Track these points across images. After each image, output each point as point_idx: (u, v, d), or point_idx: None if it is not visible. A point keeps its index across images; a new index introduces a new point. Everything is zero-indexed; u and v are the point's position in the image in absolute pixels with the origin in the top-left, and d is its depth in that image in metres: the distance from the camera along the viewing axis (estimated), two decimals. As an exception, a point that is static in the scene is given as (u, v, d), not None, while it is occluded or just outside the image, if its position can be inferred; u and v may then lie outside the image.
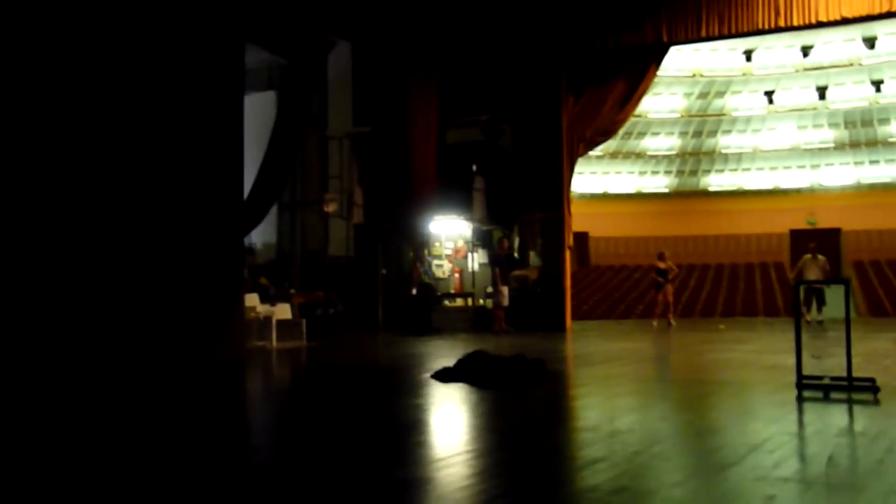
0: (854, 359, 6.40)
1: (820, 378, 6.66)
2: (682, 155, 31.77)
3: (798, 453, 4.35)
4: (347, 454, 4.39)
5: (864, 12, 14.03)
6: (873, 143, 30.04)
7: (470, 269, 17.53)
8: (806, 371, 6.62)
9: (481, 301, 17.14)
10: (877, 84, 26.17)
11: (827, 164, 31.17)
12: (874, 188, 30.97)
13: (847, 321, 6.66)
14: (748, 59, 24.71)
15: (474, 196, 16.79)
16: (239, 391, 8.26)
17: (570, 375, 8.73)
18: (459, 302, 17.30)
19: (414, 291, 16.35)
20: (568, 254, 16.31)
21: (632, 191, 33.20)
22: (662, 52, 15.93)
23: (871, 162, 30.54)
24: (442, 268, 17.86)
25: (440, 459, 4.23)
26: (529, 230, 16.71)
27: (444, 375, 7.41)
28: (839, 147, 30.47)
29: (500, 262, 15.46)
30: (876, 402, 6.04)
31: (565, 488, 3.60)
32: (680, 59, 26.16)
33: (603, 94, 16.12)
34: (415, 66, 15.33)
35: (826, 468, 3.88)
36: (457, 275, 17.70)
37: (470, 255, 17.60)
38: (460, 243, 17.75)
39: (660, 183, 32.99)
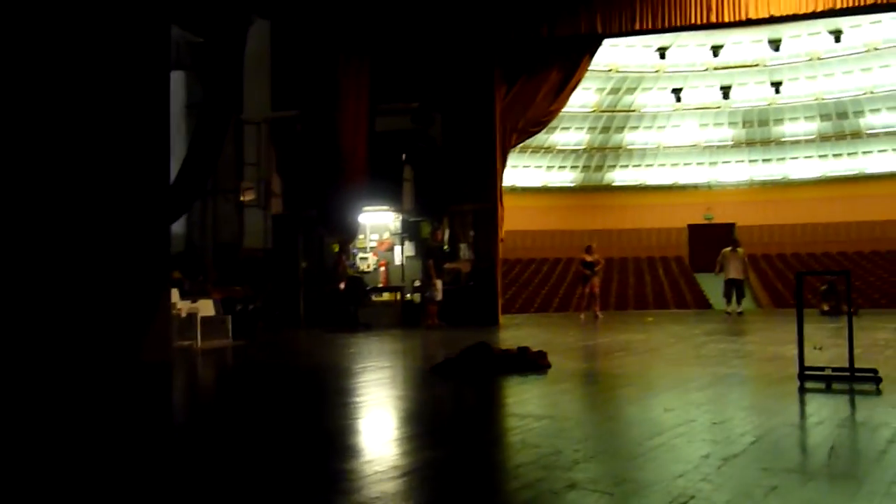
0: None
1: (822, 369, 6.61)
2: (590, 150, 32.21)
3: (800, 444, 4.34)
4: (274, 467, 3.92)
5: (791, 11, 14.34)
6: (767, 142, 31.44)
7: (397, 262, 16.88)
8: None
9: (409, 295, 16.54)
10: (776, 85, 27.32)
11: (724, 162, 32.39)
12: (766, 185, 32.44)
13: (849, 312, 6.61)
14: (662, 56, 25.19)
15: (403, 186, 16.16)
16: (167, 399, 7.34)
17: (566, 370, 8.31)
18: (387, 296, 16.64)
19: (342, 285, 15.58)
20: (500, 246, 15.96)
21: (539, 185, 33.39)
22: (596, 43, 15.83)
23: (765, 160, 31.97)
24: (367, 261, 17.14)
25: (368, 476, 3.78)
26: (460, 222, 16.25)
27: (446, 369, 7.21)
28: (736, 145, 31.72)
29: (434, 255, 14.92)
30: (878, 393, 6.00)
31: (559, 483, 3.44)
32: (597, 55, 26.40)
33: (536, 84, 15.85)
34: (344, 48, 14.52)
35: (828, 459, 3.86)
36: (382, 268, 17.01)
37: (397, 247, 16.95)
38: (386, 235, 17.07)
39: (567, 177, 33.34)
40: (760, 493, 3.17)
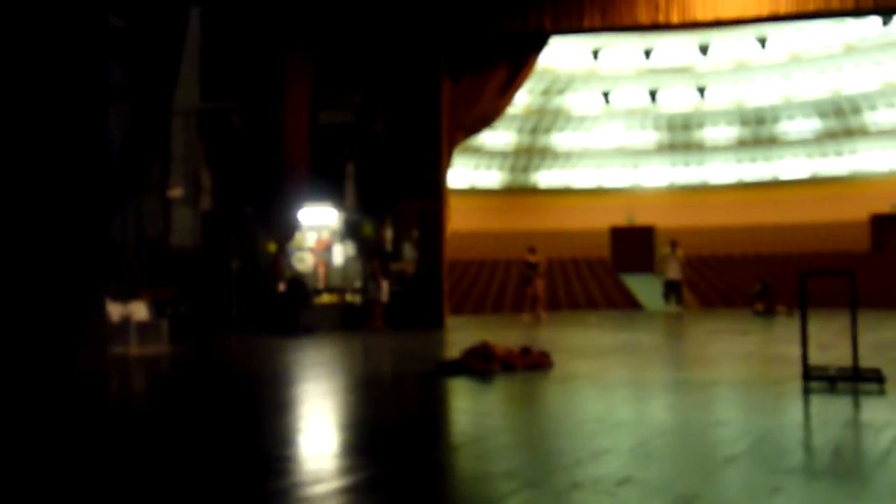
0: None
1: (825, 369, 6.63)
2: (518, 151, 32.20)
3: (804, 444, 4.32)
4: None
5: (736, 15, 14.50)
6: (689, 147, 32.21)
7: (336, 263, 16.19)
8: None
9: (349, 297, 15.88)
10: (701, 90, 27.95)
11: (646, 165, 33.00)
12: (685, 189, 33.25)
13: (853, 311, 6.54)
14: (595, 58, 25.32)
15: (346, 183, 15.50)
16: (99, 417, 6.53)
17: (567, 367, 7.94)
18: (327, 298, 15.91)
19: (282, 287, 14.78)
20: (445, 246, 15.52)
21: (466, 186, 33.17)
22: (544, 41, 15.59)
23: (685, 164, 32.75)
24: (304, 261, 16.36)
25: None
26: (404, 221, 15.72)
27: (450, 368, 7.34)
28: (659, 149, 32.36)
29: (379, 255, 14.32)
30: (882, 393, 5.98)
31: (562, 479, 3.45)
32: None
33: (483, 80, 15.49)
34: (286, 37, 13.75)
35: (832, 459, 3.87)
36: (321, 269, 16.27)
37: (336, 246, 16.25)
38: (325, 234, 16.34)
39: (494, 179, 33.25)
40: (764, 494, 3.15)
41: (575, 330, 14.39)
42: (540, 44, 15.55)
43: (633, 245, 34.73)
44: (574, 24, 15.05)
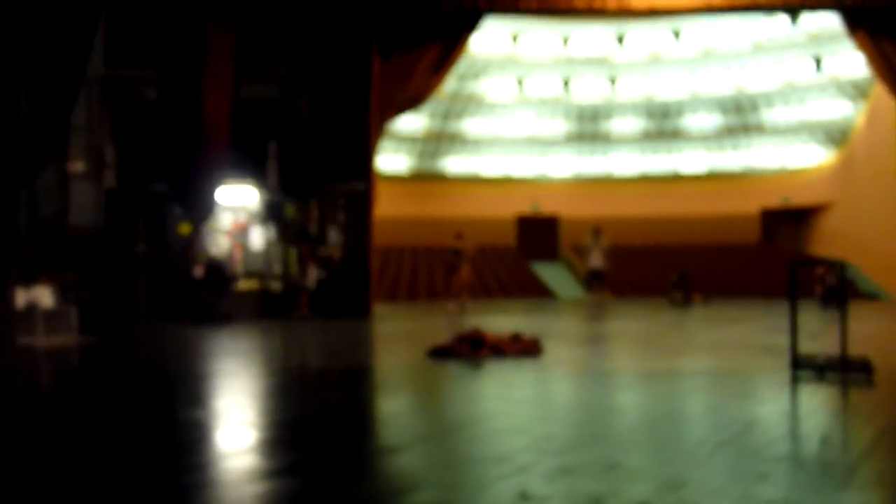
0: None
1: (815, 358, 6.52)
2: (427, 137, 31.71)
3: (792, 433, 4.32)
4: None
5: (671, 5, 14.54)
6: (596, 138, 32.69)
7: (254, 247, 15.21)
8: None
9: (269, 283, 14.97)
10: (613, 81, 28.33)
11: (554, 155, 33.28)
12: (590, 180, 33.79)
13: (845, 302, 6.48)
14: (514, 43, 25.09)
15: (268, 162, 14.56)
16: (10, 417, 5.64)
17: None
18: (244, 284, 14.93)
19: (199, 272, 13.71)
20: (374, 230, 14.88)
21: (374, 170, 32.46)
22: (477, 20, 15.13)
23: (590, 155, 33.25)
24: (219, 244, 15.28)
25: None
26: (330, 203, 14.95)
27: (442, 353, 7.37)
28: (568, 139, 32.68)
29: (308, 239, 13.51)
30: (869, 383, 5.96)
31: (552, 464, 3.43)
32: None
33: (415, 58, 14.90)
34: (211, 4, 12.67)
35: (819, 448, 3.88)
36: (237, 252, 15.25)
37: (255, 229, 15.27)
38: (242, 216, 15.32)
39: (401, 164, 32.64)
40: (751, 481, 3.14)
41: (511, 318, 14.09)
42: (473, 23, 15.10)
43: (539, 234, 35.06)
44: (510, 5, 14.70)
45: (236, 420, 4.71)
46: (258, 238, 15.30)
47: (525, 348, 7.43)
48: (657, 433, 4.22)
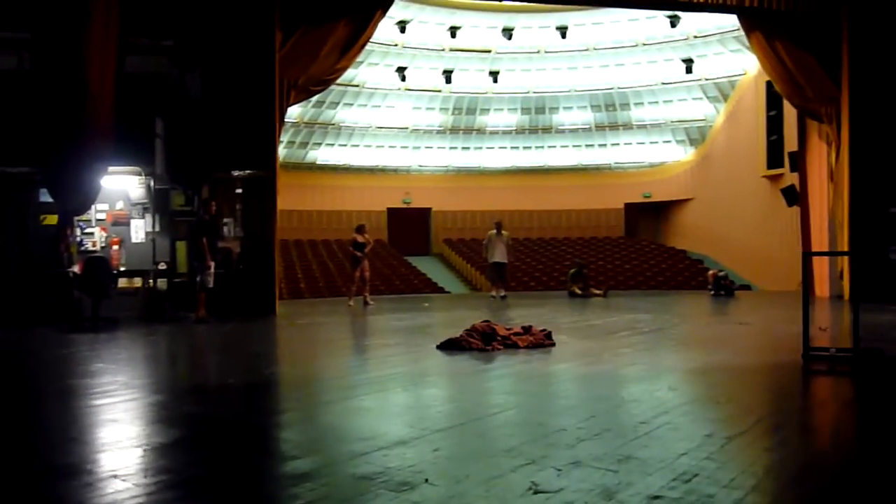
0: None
1: (826, 350, 6.66)
2: (300, 124, 30.18)
3: (802, 424, 4.40)
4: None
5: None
6: (470, 131, 32.46)
7: (137, 240, 13.48)
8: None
9: (153, 281, 13.31)
10: (494, 75, 28.11)
11: (427, 147, 32.75)
12: (462, 172, 33.58)
13: (856, 294, 6.49)
14: (402, 31, 24.18)
15: (155, 144, 12.90)
16: None
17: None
18: (125, 283, 13.17)
19: (77, 269, 11.88)
20: (277, 222, 13.60)
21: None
22: (389, -2, 14.20)
23: (464, 148, 33.01)
24: (93, 237, 13.42)
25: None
26: (226, 192, 13.50)
27: (451, 346, 7.38)
28: (441, 131, 32.23)
29: (207, 231, 12.04)
30: (880, 374, 5.99)
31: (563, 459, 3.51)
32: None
33: (322, 35, 13.72)
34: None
35: (830, 439, 3.98)
36: (115, 247, 13.43)
37: (135, 220, 13.53)
38: (120, 205, 13.51)
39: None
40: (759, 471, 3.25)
41: (422, 316, 13.32)
42: (386, 1, 14.15)
43: (410, 227, 34.46)
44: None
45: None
46: (140, 230, 13.58)
47: (536, 341, 7.42)
48: (669, 424, 4.16)
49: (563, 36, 24.93)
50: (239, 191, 13.65)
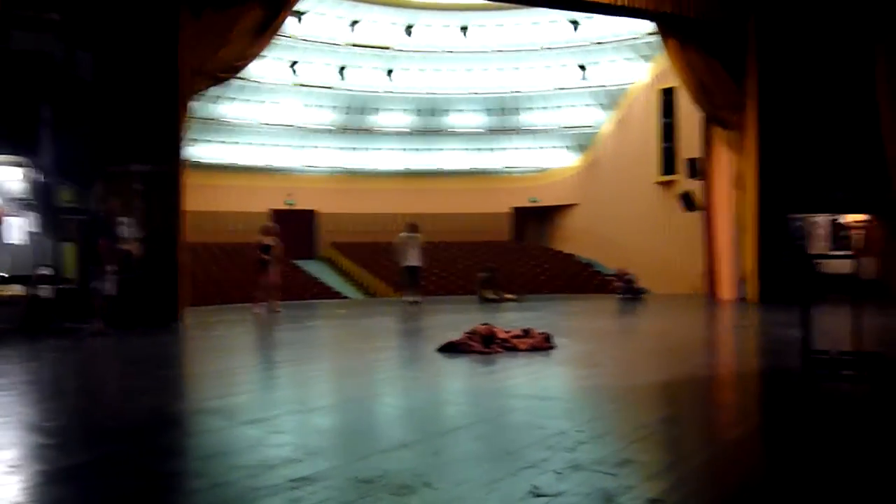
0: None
1: (827, 353, 6.45)
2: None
3: (802, 428, 4.37)
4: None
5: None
6: (361, 131, 31.54)
7: (16, 241, 11.77)
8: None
9: (34, 289, 11.65)
10: (389, 72, 27.33)
11: (314, 147, 31.54)
12: (349, 174, 32.61)
13: (862, 300, 6.46)
14: (298, 20, 22.93)
15: (41, 133, 11.30)
16: None
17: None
18: (2, 290, 11.44)
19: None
20: (184, 222, 12.30)
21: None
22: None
23: (354, 148, 32.04)
24: (-38, 238, 11.59)
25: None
26: (123, 188, 12.05)
27: (450, 349, 7.34)
28: (332, 131, 31.11)
29: (106, 231, 10.64)
30: (881, 378, 5.93)
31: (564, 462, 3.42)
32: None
33: (231, 18, 12.54)
34: None
35: (830, 443, 3.96)
36: (-14, 249, 11.65)
37: (12, 219, 11.82)
38: (-4, 202, 11.76)
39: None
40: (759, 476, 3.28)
41: (336, 323, 12.47)
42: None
43: (295, 230, 33.06)
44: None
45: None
46: (19, 230, 11.87)
47: (536, 344, 7.41)
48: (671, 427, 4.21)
49: (465, 34, 24.58)
50: (138, 187, 12.21)
